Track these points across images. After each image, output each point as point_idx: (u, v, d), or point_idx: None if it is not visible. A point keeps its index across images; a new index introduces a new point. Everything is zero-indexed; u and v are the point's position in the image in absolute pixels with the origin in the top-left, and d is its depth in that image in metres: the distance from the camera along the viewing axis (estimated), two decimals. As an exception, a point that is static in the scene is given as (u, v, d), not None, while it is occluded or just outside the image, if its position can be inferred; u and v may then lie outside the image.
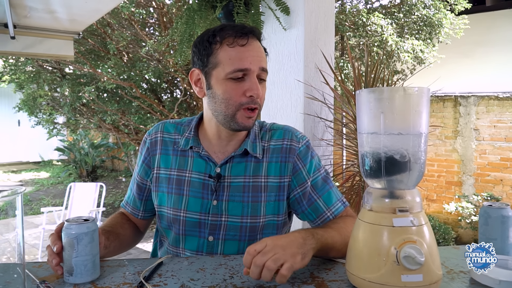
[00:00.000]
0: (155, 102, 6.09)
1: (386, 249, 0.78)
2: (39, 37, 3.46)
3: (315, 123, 2.31)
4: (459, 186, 5.62)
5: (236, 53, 1.04)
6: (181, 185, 1.14)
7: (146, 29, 6.24)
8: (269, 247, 0.84)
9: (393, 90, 0.85)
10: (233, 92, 1.05)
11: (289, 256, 0.83)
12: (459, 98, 5.59)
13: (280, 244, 0.85)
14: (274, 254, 0.82)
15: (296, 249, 0.85)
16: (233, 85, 1.05)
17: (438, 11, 4.76)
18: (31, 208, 7.63)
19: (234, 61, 1.04)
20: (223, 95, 1.06)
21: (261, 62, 1.07)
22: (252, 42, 1.07)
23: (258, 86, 1.05)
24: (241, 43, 1.05)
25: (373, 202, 0.83)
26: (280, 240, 0.86)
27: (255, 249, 0.83)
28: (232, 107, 1.06)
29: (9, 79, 6.97)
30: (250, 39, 1.06)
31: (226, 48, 1.05)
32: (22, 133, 13.03)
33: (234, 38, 1.05)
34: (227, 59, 1.04)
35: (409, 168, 0.80)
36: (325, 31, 2.37)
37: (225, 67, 1.04)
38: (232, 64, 1.04)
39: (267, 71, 1.10)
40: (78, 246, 0.87)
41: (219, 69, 1.06)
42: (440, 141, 5.76)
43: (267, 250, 0.83)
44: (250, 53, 1.05)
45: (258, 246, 0.84)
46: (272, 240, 0.86)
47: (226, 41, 1.05)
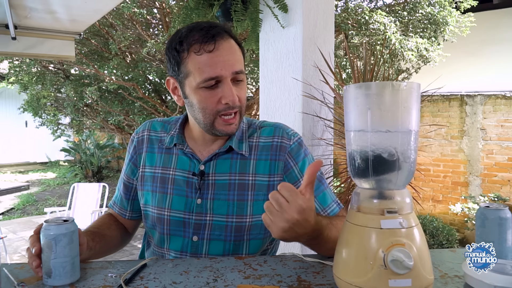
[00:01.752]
0: (158, 102, 6.08)
1: (373, 253, 0.74)
2: (40, 38, 3.45)
3: (314, 122, 2.28)
4: (466, 187, 5.54)
5: (204, 60, 0.98)
6: (165, 183, 1.11)
7: (150, 30, 6.24)
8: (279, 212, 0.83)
9: (381, 85, 0.81)
10: (208, 101, 1.01)
11: (278, 225, 0.83)
12: (465, 97, 5.52)
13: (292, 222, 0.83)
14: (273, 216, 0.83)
15: (291, 229, 0.84)
16: (207, 93, 1.00)
17: (443, 9, 4.69)
18: (36, 208, 7.68)
19: (204, 69, 0.98)
20: (199, 104, 1.02)
21: (234, 65, 1.00)
22: (220, 45, 0.99)
23: (232, 92, 1.00)
24: (208, 49, 0.98)
25: (360, 203, 0.79)
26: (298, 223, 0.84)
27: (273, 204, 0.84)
28: (210, 115, 1.02)
29: (15, 80, 7.01)
30: (217, 42, 0.98)
31: (194, 57, 0.99)
32: (30, 134, 13.12)
33: (201, 44, 0.98)
34: (196, 68, 0.99)
35: (398, 167, 0.77)
36: (324, 29, 2.33)
37: (196, 76, 0.99)
38: (202, 73, 0.98)
39: (243, 71, 1.03)
40: (56, 247, 0.84)
41: (190, 79, 1.01)
42: (446, 141, 5.69)
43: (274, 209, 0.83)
44: (219, 58, 0.98)
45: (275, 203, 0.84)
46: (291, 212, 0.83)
47: (193, 48, 0.99)
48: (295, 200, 0.82)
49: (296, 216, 0.82)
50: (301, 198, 0.82)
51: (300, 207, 0.81)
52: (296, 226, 0.83)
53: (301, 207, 0.82)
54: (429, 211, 5.80)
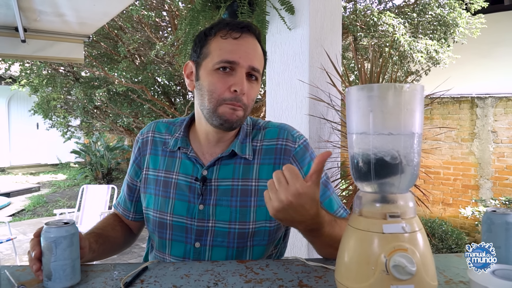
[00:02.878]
0: (167, 104, 6.11)
1: (375, 258, 0.73)
2: (49, 41, 3.48)
3: (321, 125, 2.26)
4: (476, 190, 5.46)
5: (227, 44, 1.02)
6: (168, 187, 1.10)
7: (160, 33, 6.27)
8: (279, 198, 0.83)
9: (383, 87, 0.79)
10: (218, 85, 1.01)
11: (274, 204, 0.83)
12: (475, 99, 5.45)
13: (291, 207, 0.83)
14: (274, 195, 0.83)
15: (287, 214, 0.84)
16: (219, 77, 1.01)
17: (452, 10, 4.64)
18: (47, 209, 7.74)
19: (224, 52, 1.01)
20: (208, 86, 1.02)
21: (253, 60, 1.03)
22: (246, 37, 1.04)
23: (243, 82, 1.01)
24: (234, 36, 1.02)
25: (363, 207, 0.78)
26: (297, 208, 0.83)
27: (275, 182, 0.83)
28: (215, 100, 1.02)
29: (26, 82, 7.09)
30: (244, 33, 1.03)
31: (218, 39, 1.03)
32: (41, 136, 13.24)
33: (228, 30, 1.03)
34: (217, 49, 1.02)
35: (401, 170, 0.75)
36: (331, 31, 2.32)
37: (214, 57, 1.02)
38: (221, 54, 1.01)
39: (259, 71, 1.05)
40: (57, 250, 0.84)
41: (208, 60, 1.03)
42: (456, 143, 5.62)
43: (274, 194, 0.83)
44: (241, 47, 1.02)
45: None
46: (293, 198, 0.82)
47: (220, 32, 1.03)
48: (293, 183, 0.81)
49: (291, 198, 0.81)
50: (300, 182, 0.81)
51: (296, 190, 0.81)
52: (291, 209, 0.82)
53: (297, 191, 0.81)
54: (439, 214, 5.73)
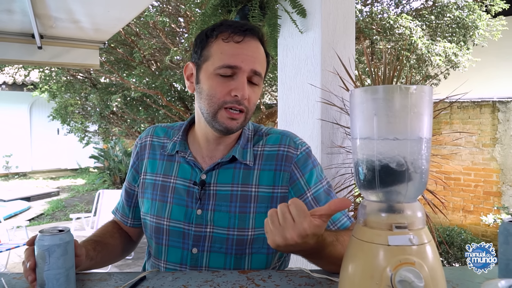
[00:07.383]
0: (182, 110, 6.12)
1: (380, 272, 0.68)
2: (65, 47, 3.52)
3: (333, 130, 2.21)
4: (498, 197, 5.29)
5: (229, 48, 0.98)
6: (166, 191, 1.07)
7: (177, 38, 6.31)
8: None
9: (388, 89, 0.75)
10: (218, 89, 0.98)
11: (275, 238, 0.79)
12: (497, 104, 5.29)
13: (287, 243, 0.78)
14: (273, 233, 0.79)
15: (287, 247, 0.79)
16: (220, 81, 0.98)
17: (472, 13, 4.52)
18: (65, 214, 7.84)
19: (225, 56, 0.97)
20: (208, 90, 0.99)
21: (255, 63, 0.99)
22: (249, 40, 1.00)
23: (245, 87, 0.97)
24: (237, 40, 0.98)
25: (367, 217, 0.73)
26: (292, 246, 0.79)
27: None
28: (214, 105, 0.98)
29: (45, 88, 7.22)
30: (247, 37, 0.99)
31: (220, 42, 0.99)
32: (61, 141, 13.47)
33: (230, 33, 0.99)
34: (218, 53, 0.98)
35: (408, 178, 0.70)
36: (344, 34, 2.26)
37: (215, 61, 0.98)
38: (222, 59, 0.97)
39: (261, 75, 1.01)
40: (50, 258, 0.81)
41: (209, 63, 1.00)
42: (477, 149, 5.46)
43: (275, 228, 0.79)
44: (243, 51, 0.98)
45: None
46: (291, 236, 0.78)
47: (222, 35, 1.00)
48: (301, 222, 0.76)
49: (296, 238, 0.76)
50: (308, 222, 0.76)
51: (304, 231, 0.76)
52: (293, 246, 0.78)
53: (305, 231, 0.76)
54: (460, 222, 5.57)
